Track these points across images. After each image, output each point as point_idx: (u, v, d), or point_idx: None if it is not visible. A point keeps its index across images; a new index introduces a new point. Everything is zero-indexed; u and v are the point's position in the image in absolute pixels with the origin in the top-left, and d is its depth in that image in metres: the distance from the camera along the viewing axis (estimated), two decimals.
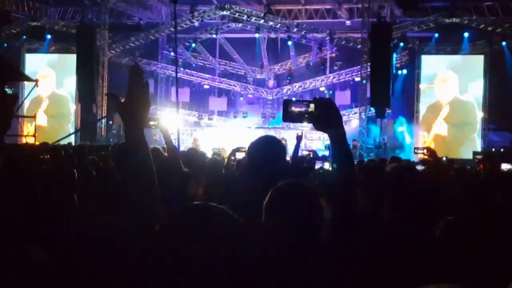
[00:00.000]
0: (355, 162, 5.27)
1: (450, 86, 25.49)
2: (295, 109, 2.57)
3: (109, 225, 2.30)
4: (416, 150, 7.50)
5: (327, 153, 18.25)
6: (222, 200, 2.03)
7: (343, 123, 2.64)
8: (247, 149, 3.99)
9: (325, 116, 2.53)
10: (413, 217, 3.65)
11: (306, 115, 2.55)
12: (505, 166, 11.01)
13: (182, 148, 8.96)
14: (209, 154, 11.25)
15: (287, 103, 2.61)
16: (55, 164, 6.40)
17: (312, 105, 2.54)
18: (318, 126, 2.57)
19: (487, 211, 4.19)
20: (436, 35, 25.65)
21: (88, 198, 3.96)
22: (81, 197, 3.63)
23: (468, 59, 25.63)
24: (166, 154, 5.58)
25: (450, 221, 3.20)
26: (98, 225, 2.31)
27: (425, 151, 7.26)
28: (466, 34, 25.06)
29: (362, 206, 3.87)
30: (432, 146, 22.13)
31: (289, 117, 2.59)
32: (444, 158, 15.78)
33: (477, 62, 25.50)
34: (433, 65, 26.11)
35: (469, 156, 21.92)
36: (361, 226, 2.69)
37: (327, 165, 9.91)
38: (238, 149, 8.21)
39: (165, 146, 5.52)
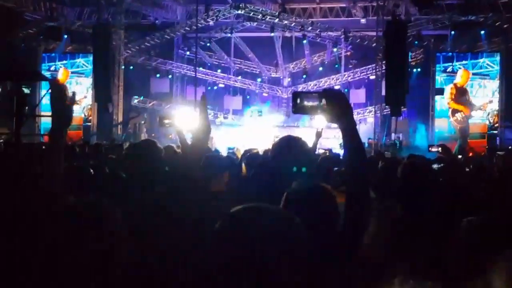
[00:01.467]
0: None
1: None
2: (304, 101, 2.54)
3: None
4: (430, 148, 7.48)
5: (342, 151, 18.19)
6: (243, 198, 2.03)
7: (353, 114, 2.60)
8: (271, 148, 4.02)
9: (335, 107, 2.48)
10: (426, 214, 3.67)
11: (316, 107, 2.51)
12: None
13: None
14: (224, 153, 11.30)
15: (296, 95, 2.57)
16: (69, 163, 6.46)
17: (321, 97, 2.50)
18: (328, 117, 2.52)
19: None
20: (452, 32, 25.52)
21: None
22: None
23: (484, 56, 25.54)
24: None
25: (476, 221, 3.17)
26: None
27: (439, 148, 7.25)
28: (482, 32, 24.92)
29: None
30: None
31: (299, 109, 2.54)
32: (459, 156, 15.77)
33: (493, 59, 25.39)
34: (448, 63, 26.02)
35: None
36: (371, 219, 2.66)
37: None
38: (250, 151, 8.22)
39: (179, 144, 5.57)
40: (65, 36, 28.55)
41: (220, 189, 5.22)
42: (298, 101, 2.54)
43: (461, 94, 25.52)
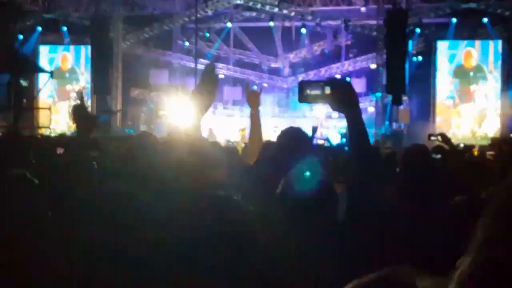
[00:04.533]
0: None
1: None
2: (311, 90, 2.55)
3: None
4: (430, 137, 7.34)
5: (343, 140, 18.13)
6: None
7: (360, 104, 2.62)
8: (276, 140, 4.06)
9: (341, 96, 2.50)
10: (424, 201, 3.62)
11: (322, 96, 2.53)
12: None
13: None
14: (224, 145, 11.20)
15: (302, 85, 2.59)
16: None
17: (327, 86, 2.52)
18: (334, 106, 2.55)
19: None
20: (454, 20, 25.37)
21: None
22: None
23: (486, 44, 25.42)
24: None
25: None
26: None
27: (439, 137, 7.12)
28: (485, 19, 24.78)
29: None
30: None
31: (305, 98, 2.57)
32: (461, 145, 15.67)
33: (495, 47, 25.26)
34: (449, 51, 25.89)
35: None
36: (377, 211, 2.66)
37: None
38: None
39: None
40: (65, 28, 28.44)
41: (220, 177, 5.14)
42: (305, 90, 2.57)
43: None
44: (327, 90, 2.51)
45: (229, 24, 29.83)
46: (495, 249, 1.05)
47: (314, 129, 7.72)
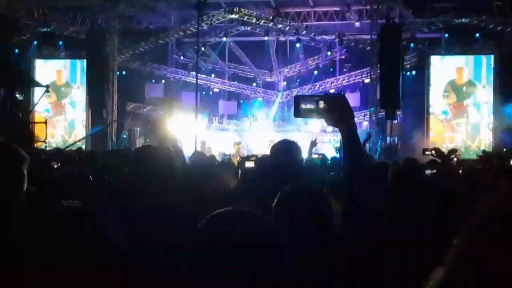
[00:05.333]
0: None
1: None
2: (306, 105, 2.56)
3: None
4: (424, 151, 7.43)
5: (337, 155, 18.17)
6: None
7: (355, 119, 2.63)
8: (269, 152, 4.07)
9: (336, 111, 2.51)
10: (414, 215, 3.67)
11: (317, 111, 2.53)
12: None
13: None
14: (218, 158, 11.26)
15: (298, 99, 2.59)
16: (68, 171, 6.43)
17: (322, 101, 2.53)
18: (329, 122, 2.56)
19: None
20: (446, 35, 25.61)
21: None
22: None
23: (478, 59, 25.57)
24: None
25: None
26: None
27: (433, 152, 7.21)
28: (478, 35, 24.96)
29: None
30: None
31: (301, 113, 2.57)
32: (455, 159, 15.73)
33: (487, 61, 25.39)
34: (443, 65, 26.02)
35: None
36: (372, 224, 2.69)
37: None
38: (247, 158, 8.20)
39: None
40: (60, 42, 28.48)
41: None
42: (300, 105, 2.57)
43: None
44: (322, 105, 2.51)
45: (224, 39, 29.92)
46: (469, 264, 1.11)
47: (313, 143, 7.74)
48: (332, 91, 29.88)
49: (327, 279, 2.40)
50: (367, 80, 27.47)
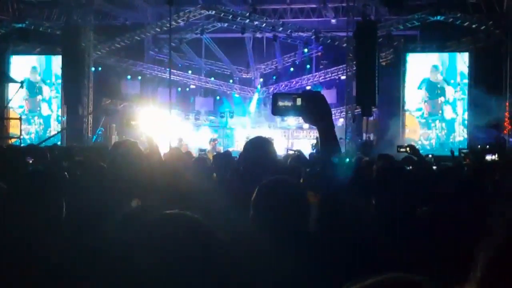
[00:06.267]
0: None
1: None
2: (284, 102, 2.55)
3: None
4: (399, 148, 7.49)
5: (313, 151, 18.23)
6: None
7: (332, 116, 2.64)
8: (242, 149, 4.09)
9: (314, 109, 2.52)
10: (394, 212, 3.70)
11: (295, 109, 2.54)
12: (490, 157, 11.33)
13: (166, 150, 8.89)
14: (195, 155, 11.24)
15: (276, 97, 2.59)
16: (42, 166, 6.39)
17: (300, 99, 2.53)
18: (307, 119, 2.58)
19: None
20: (422, 32, 25.81)
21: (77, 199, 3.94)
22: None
23: (453, 56, 25.78)
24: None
25: None
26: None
27: (407, 149, 7.28)
28: (453, 32, 25.16)
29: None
30: None
31: (279, 110, 2.57)
32: (430, 156, 15.93)
33: (462, 59, 25.61)
34: (418, 63, 26.18)
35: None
36: (349, 219, 2.70)
37: None
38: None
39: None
40: (35, 38, 28.15)
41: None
42: (278, 102, 2.56)
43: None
44: (301, 103, 2.52)
45: (200, 35, 29.83)
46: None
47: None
48: (308, 87, 30.00)
49: (304, 271, 2.42)
50: (343, 77, 27.61)
